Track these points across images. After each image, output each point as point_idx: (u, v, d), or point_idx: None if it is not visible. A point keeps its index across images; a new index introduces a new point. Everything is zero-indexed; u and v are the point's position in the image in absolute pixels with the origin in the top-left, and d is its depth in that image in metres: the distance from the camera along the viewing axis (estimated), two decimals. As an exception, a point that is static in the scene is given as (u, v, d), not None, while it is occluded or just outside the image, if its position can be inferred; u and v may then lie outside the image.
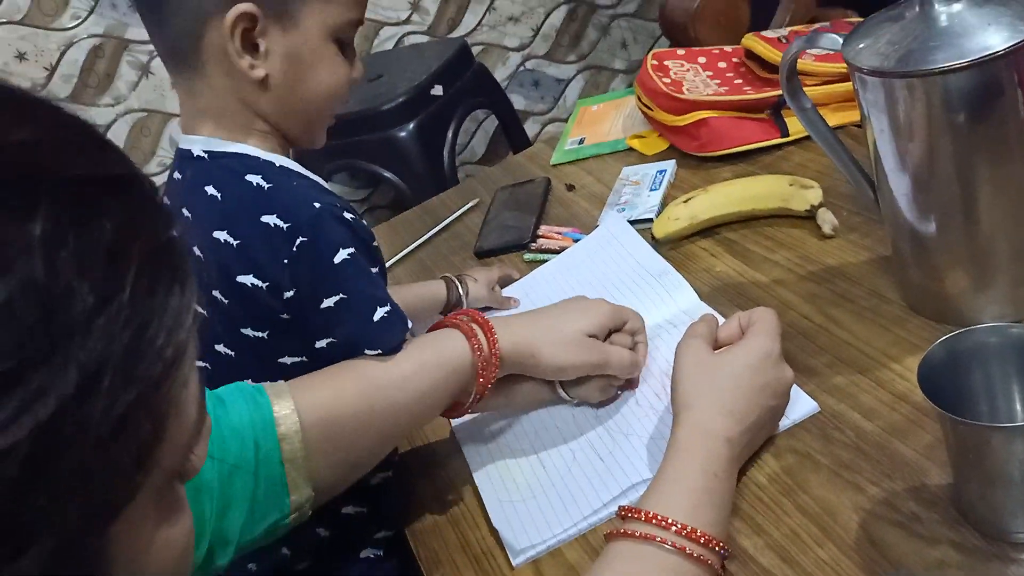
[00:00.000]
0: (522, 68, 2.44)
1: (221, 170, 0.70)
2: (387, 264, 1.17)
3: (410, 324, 0.70)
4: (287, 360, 0.71)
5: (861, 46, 0.65)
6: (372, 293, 0.68)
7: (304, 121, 0.74)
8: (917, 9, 0.63)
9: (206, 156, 0.71)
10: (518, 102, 2.43)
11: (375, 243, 0.72)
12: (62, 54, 2.02)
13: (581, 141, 1.25)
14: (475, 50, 2.27)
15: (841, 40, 0.67)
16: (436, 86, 1.95)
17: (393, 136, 1.91)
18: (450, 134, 1.96)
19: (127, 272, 0.29)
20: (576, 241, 1.02)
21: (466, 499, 0.75)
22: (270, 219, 0.66)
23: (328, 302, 0.66)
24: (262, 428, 0.62)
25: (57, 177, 0.29)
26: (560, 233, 1.06)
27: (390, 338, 0.68)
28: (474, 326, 0.69)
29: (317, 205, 0.67)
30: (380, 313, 0.67)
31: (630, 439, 0.71)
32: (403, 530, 0.76)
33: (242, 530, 0.60)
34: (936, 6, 0.62)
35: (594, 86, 2.53)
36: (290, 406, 0.63)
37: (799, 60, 1.00)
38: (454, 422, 0.81)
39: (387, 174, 1.96)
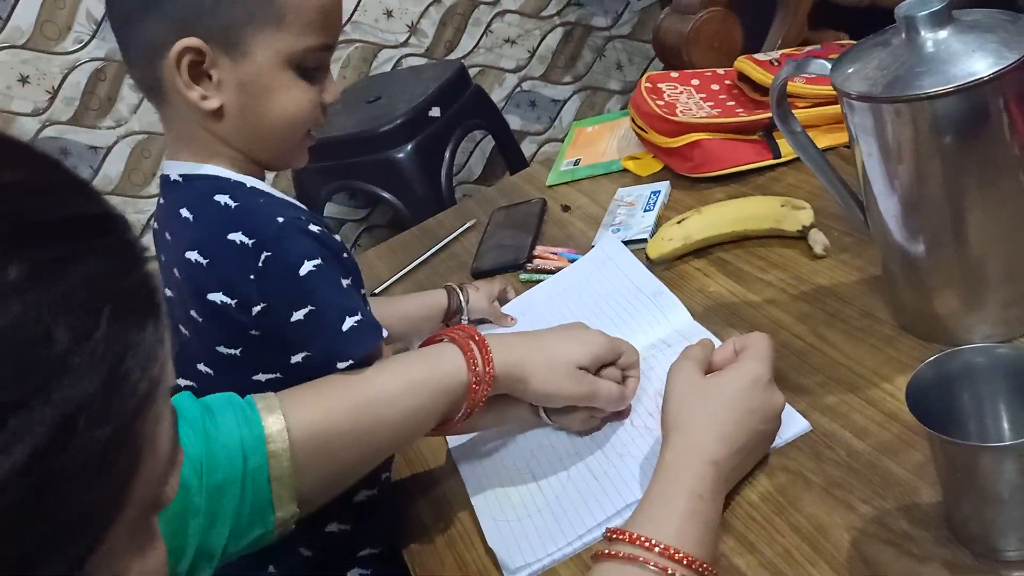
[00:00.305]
0: (519, 89, 2.47)
1: (193, 192, 0.72)
2: (385, 284, 1.18)
3: (385, 333, 0.70)
4: (262, 377, 0.71)
5: (849, 71, 0.66)
6: (341, 303, 0.68)
7: (271, 147, 0.74)
8: (904, 35, 0.64)
9: (181, 180, 0.73)
10: (515, 122, 2.45)
11: (346, 255, 0.72)
12: (64, 77, 2.04)
13: (576, 162, 1.27)
14: (472, 72, 2.29)
15: (829, 66, 0.68)
16: (434, 108, 1.97)
17: (391, 157, 1.93)
18: (447, 155, 1.98)
19: (103, 312, 0.29)
20: (571, 261, 1.03)
21: (463, 519, 0.75)
22: (236, 236, 0.67)
23: (298, 315, 0.67)
24: (252, 444, 0.62)
25: (32, 221, 0.30)
26: (555, 253, 1.07)
27: (360, 348, 0.68)
28: (471, 342, 0.70)
29: (280, 219, 0.68)
30: (350, 323, 0.68)
31: (624, 459, 0.71)
32: (393, 548, 0.76)
33: (226, 545, 0.61)
34: (922, 33, 0.63)
35: (590, 106, 2.56)
36: (280, 423, 0.63)
37: (791, 83, 1.02)
38: (451, 442, 0.82)
39: (385, 195, 1.97)
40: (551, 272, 1.03)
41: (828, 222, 0.88)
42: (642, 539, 0.57)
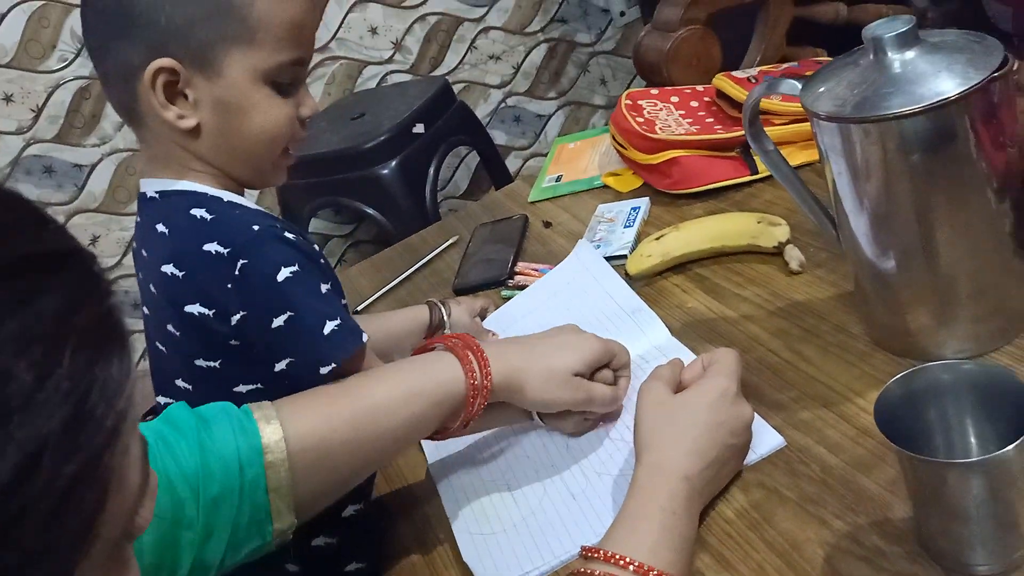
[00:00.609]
0: (503, 105, 2.48)
1: (170, 207, 0.72)
2: (367, 301, 1.19)
3: (365, 338, 0.70)
4: (242, 388, 0.71)
5: (819, 91, 0.67)
6: (319, 308, 0.69)
7: (248, 164, 0.74)
8: (871, 56, 0.65)
9: (158, 196, 0.73)
10: (500, 138, 2.46)
11: (323, 260, 0.72)
12: (49, 96, 2.04)
13: (558, 178, 1.28)
14: (457, 88, 2.30)
15: (800, 86, 0.69)
16: (418, 124, 1.98)
17: (376, 173, 1.93)
18: (432, 171, 1.98)
19: (66, 347, 0.29)
20: (552, 278, 1.03)
21: (441, 537, 0.75)
22: (211, 247, 0.67)
23: (278, 321, 0.67)
24: (248, 455, 0.61)
25: None
26: (537, 270, 1.07)
27: (342, 352, 0.68)
28: (468, 353, 0.70)
29: (256, 228, 0.68)
30: (330, 327, 0.68)
31: (603, 478, 0.72)
32: (378, 565, 0.76)
33: (223, 557, 0.61)
34: (890, 53, 0.64)
35: (574, 121, 2.57)
36: (278, 433, 0.63)
37: (768, 101, 1.03)
38: (429, 458, 0.82)
39: (370, 211, 1.98)
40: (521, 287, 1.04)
41: (804, 238, 0.89)
42: (617, 557, 0.57)
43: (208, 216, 0.70)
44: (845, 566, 0.58)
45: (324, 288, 0.70)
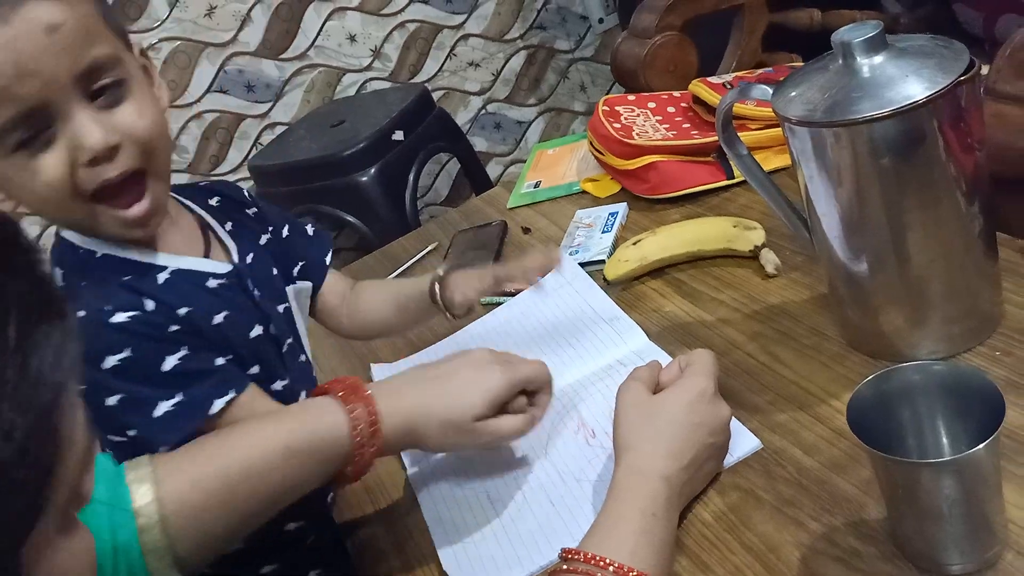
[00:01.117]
0: (483, 112, 2.48)
1: (51, 257, 0.70)
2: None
3: (216, 407, 0.67)
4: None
5: (790, 96, 0.68)
6: (152, 389, 0.66)
7: (72, 224, 0.69)
8: (840, 61, 0.66)
9: (55, 237, 0.71)
10: (480, 144, 2.46)
11: (174, 327, 0.67)
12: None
13: (537, 184, 1.28)
14: (437, 95, 2.31)
15: (771, 91, 0.70)
16: (397, 131, 1.98)
17: (355, 181, 1.93)
18: (411, 178, 1.98)
19: (7, 311, 0.32)
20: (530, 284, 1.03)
21: (421, 543, 0.75)
22: None
23: (111, 400, 0.65)
24: (120, 518, 0.60)
25: None
26: (516, 276, 1.07)
27: (174, 433, 0.65)
28: (358, 404, 0.66)
29: (82, 313, 0.64)
30: (163, 408, 0.65)
31: (582, 484, 0.72)
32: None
33: None
34: (858, 58, 0.65)
35: (555, 128, 2.58)
36: (149, 495, 0.61)
37: (742, 106, 1.04)
38: (408, 468, 0.82)
39: (350, 218, 1.97)
40: (511, 294, 1.04)
41: (779, 242, 0.90)
42: (597, 559, 0.57)
43: (61, 282, 0.67)
44: (821, 567, 0.58)
45: (171, 362, 0.66)
